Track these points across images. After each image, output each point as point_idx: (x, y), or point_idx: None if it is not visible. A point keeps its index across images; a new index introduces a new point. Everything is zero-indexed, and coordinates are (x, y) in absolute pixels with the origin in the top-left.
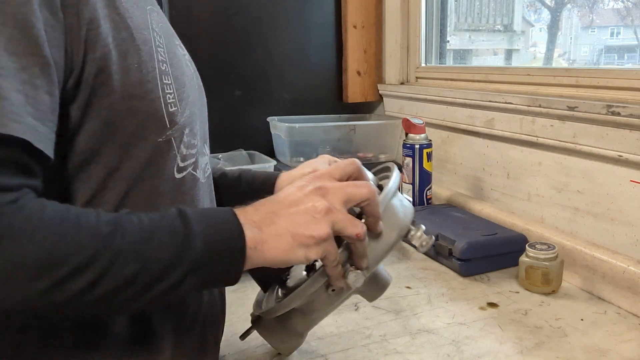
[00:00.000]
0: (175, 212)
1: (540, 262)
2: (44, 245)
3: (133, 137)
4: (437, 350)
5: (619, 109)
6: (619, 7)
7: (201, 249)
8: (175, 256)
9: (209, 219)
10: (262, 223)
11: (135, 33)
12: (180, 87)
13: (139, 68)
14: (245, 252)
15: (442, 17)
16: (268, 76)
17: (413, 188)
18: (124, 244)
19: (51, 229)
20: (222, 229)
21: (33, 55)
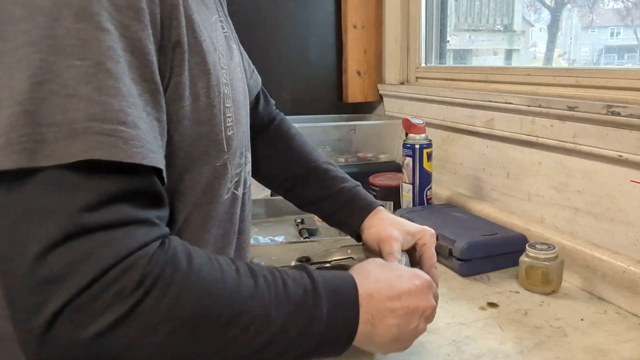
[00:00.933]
0: (309, 285)
1: (540, 262)
2: (190, 301)
3: (197, 162)
4: (437, 350)
5: (619, 109)
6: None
7: (322, 336)
8: (300, 338)
9: (339, 304)
10: (376, 318)
11: (207, 57)
12: (238, 108)
13: (206, 93)
14: (352, 342)
15: (442, 17)
16: (268, 76)
17: (413, 188)
18: (261, 309)
19: (198, 284)
20: (344, 319)
21: (146, 82)
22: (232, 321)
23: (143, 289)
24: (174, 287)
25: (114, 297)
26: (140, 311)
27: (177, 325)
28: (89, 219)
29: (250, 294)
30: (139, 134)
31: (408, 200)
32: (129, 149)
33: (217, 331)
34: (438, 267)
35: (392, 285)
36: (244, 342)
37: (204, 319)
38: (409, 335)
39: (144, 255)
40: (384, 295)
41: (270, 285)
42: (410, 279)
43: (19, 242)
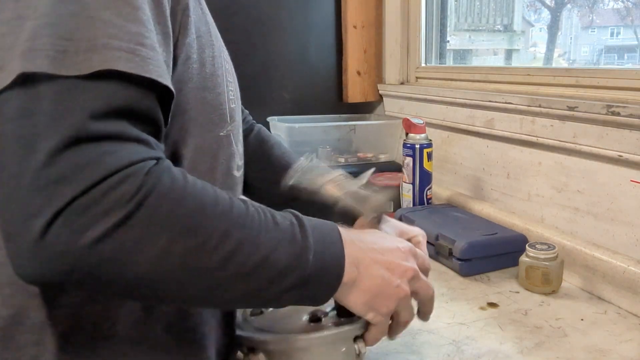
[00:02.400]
0: (294, 220)
1: (541, 262)
2: (186, 211)
3: (200, 127)
4: (437, 350)
5: (619, 109)
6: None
7: (310, 269)
8: (290, 266)
9: (324, 239)
10: (361, 264)
11: (212, 29)
12: (236, 87)
13: (212, 61)
14: (339, 285)
15: (442, 17)
16: (268, 76)
17: (413, 188)
18: (252, 231)
19: (193, 197)
20: (331, 255)
21: (159, 25)
22: (225, 237)
23: (141, 195)
24: (172, 196)
25: (113, 202)
26: (138, 217)
27: (175, 232)
28: (97, 126)
29: (241, 215)
30: (156, 56)
31: (408, 200)
32: (145, 65)
33: (212, 245)
34: (438, 267)
35: (375, 241)
36: (237, 262)
37: (200, 231)
38: (391, 293)
39: (143, 166)
40: (367, 246)
41: (260, 213)
42: (393, 242)
43: (26, 145)
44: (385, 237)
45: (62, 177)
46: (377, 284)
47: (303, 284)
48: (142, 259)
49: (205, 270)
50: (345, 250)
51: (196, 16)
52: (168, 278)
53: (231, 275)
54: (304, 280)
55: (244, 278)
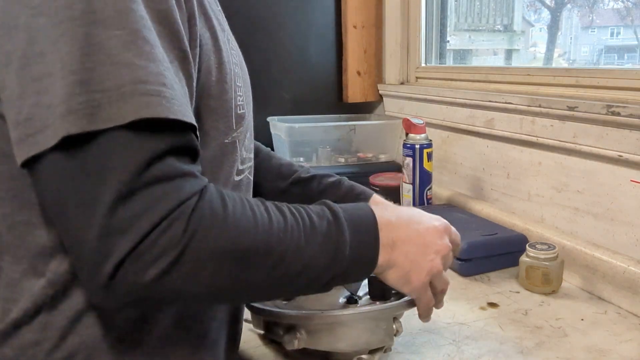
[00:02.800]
0: (330, 215)
1: (541, 262)
2: (229, 239)
3: (206, 136)
4: (437, 350)
5: (619, 109)
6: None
7: (347, 263)
8: (328, 265)
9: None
10: (396, 244)
11: (219, 34)
12: (247, 90)
13: (219, 68)
14: (374, 268)
15: (442, 17)
16: (268, 76)
17: (413, 188)
18: (292, 244)
19: (234, 224)
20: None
21: (175, 50)
22: (268, 253)
23: (190, 233)
24: (215, 229)
25: (167, 243)
26: (190, 252)
27: (222, 260)
28: (146, 174)
29: (280, 228)
30: (176, 94)
31: (408, 200)
32: (172, 106)
33: (256, 263)
34: None
35: (411, 218)
36: (282, 271)
37: (243, 253)
38: (425, 267)
39: (190, 205)
40: (403, 223)
41: (298, 220)
42: (429, 219)
43: (87, 201)
44: (423, 215)
45: (121, 229)
46: (411, 260)
47: (341, 275)
48: (197, 286)
49: (253, 284)
50: (380, 233)
51: (201, 24)
52: (222, 294)
53: (277, 284)
54: (341, 272)
55: (288, 283)
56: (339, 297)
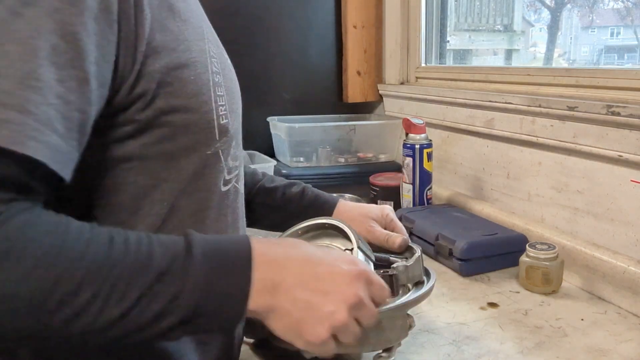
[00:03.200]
0: (181, 250)
1: (541, 262)
2: (19, 273)
3: (185, 149)
4: (437, 350)
5: (619, 109)
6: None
7: (194, 308)
8: (159, 313)
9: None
10: (279, 288)
11: (193, 45)
12: (231, 98)
13: (194, 80)
14: (243, 315)
15: (442, 17)
16: (268, 76)
17: (413, 188)
18: (109, 282)
19: (30, 255)
20: (227, 286)
21: (74, 69)
22: (71, 294)
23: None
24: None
25: None
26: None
27: (9, 297)
28: None
29: (95, 264)
30: (24, 119)
31: (408, 200)
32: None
33: (51, 309)
34: (438, 267)
35: (308, 257)
36: (91, 316)
37: (39, 291)
38: (323, 319)
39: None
40: (294, 263)
41: (130, 254)
42: (336, 261)
43: None
44: (329, 256)
45: None
46: (300, 308)
47: (188, 322)
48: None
49: (53, 332)
50: (254, 274)
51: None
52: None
53: (82, 333)
54: (187, 319)
55: (99, 333)
56: None
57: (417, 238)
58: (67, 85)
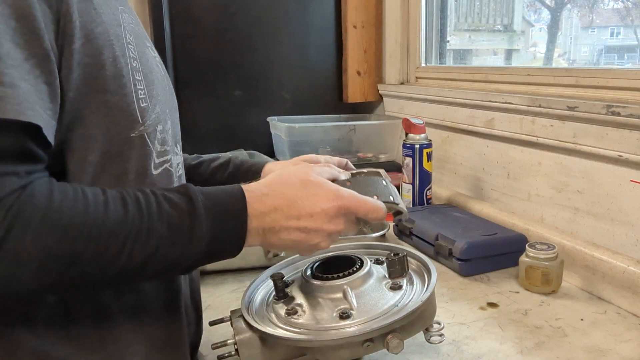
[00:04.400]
0: (185, 204)
1: (540, 262)
2: (52, 236)
3: (106, 130)
4: (437, 350)
5: (619, 109)
6: (619, 7)
7: (205, 251)
8: (180, 255)
9: (222, 216)
10: (268, 232)
11: (110, 28)
12: (150, 84)
13: (113, 62)
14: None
15: (442, 17)
16: (268, 76)
17: (413, 188)
18: (130, 237)
19: (58, 220)
20: (227, 234)
21: (33, 47)
22: (99, 250)
23: (4, 230)
24: (33, 225)
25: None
26: (6, 249)
27: (45, 258)
28: None
29: (117, 221)
30: (17, 93)
31: (408, 200)
32: (3, 105)
33: (85, 259)
34: (438, 267)
35: (295, 204)
36: (119, 265)
37: (69, 251)
38: (307, 248)
39: (6, 203)
40: (281, 214)
41: (143, 210)
42: (323, 201)
43: None
44: (317, 194)
45: None
46: (287, 244)
47: (201, 260)
48: (20, 283)
49: (86, 278)
50: (249, 224)
51: (87, 18)
52: (54, 288)
53: (116, 277)
54: (201, 259)
55: (131, 275)
56: (333, 311)
57: (417, 238)
58: (32, 62)
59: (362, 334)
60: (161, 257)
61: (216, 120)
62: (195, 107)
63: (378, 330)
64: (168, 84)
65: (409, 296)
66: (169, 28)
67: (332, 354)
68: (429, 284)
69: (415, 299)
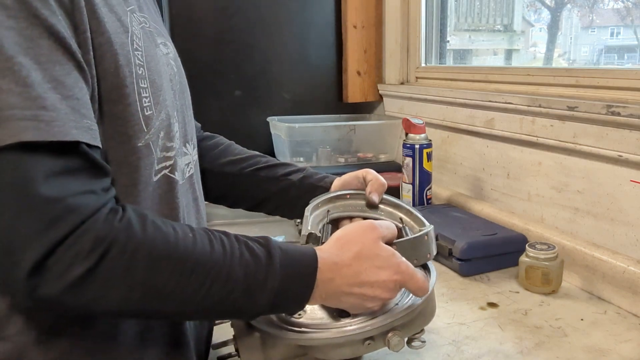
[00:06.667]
0: (263, 254)
1: (540, 262)
2: (143, 265)
3: (112, 141)
4: (437, 350)
5: (619, 109)
6: (619, 7)
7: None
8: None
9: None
10: (328, 297)
11: (114, 37)
12: (157, 90)
13: (115, 72)
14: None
15: (442, 17)
16: (268, 76)
17: (413, 188)
18: (212, 275)
19: (151, 250)
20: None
21: (71, 60)
22: (183, 284)
23: (99, 252)
24: (128, 252)
25: (72, 259)
26: (99, 272)
27: (134, 284)
28: (38, 194)
29: (203, 259)
30: (60, 115)
31: (408, 200)
32: (51, 129)
33: (169, 292)
34: (438, 267)
35: (359, 275)
36: (194, 302)
37: (157, 282)
38: (361, 310)
39: (95, 221)
40: (345, 281)
41: (227, 253)
42: (386, 274)
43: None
44: (380, 267)
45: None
46: (344, 306)
47: (257, 314)
48: (108, 301)
49: (166, 306)
50: (315, 290)
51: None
52: (134, 313)
53: (192, 309)
54: (258, 312)
55: (204, 311)
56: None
57: None
58: (74, 76)
59: (363, 332)
60: (232, 300)
61: (216, 120)
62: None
63: (379, 329)
64: (180, 81)
65: (409, 294)
66: (169, 28)
67: (333, 353)
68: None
69: (415, 297)
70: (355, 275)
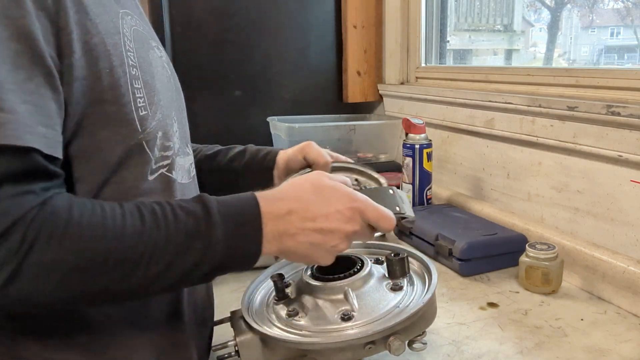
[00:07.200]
0: (200, 212)
1: (540, 262)
2: (72, 250)
3: (106, 141)
4: (437, 350)
5: (619, 109)
6: (619, 7)
7: (220, 258)
8: (197, 262)
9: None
10: (284, 235)
11: (107, 38)
12: (151, 91)
13: (110, 73)
14: (256, 260)
15: (442, 17)
16: (268, 76)
17: (413, 188)
18: (148, 248)
19: (78, 234)
20: (242, 241)
21: (37, 65)
22: (118, 261)
23: (27, 245)
24: (54, 239)
25: (4, 257)
26: (29, 264)
27: (66, 272)
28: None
29: (135, 232)
30: (17, 118)
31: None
32: (4, 131)
33: (105, 271)
34: (438, 267)
35: (309, 206)
36: (138, 276)
37: (90, 264)
38: (326, 250)
39: (26, 218)
40: (296, 217)
41: (160, 220)
42: (338, 202)
43: None
44: (330, 198)
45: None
46: (305, 248)
47: (218, 268)
48: (43, 296)
49: (108, 290)
50: (264, 228)
51: (82, 30)
52: (75, 301)
53: (137, 287)
54: (217, 267)
55: (151, 284)
56: (334, 313)
57: (417, 238)
58: (36, 81)
59: (364, 337)
60: (179, 265)
61: (216, 120)
62: (195, 107)
63: (380, 333)
64: (175, 84)
65: (409, 297)
66: (169, 29)
67: (333, 356)
68: (430, 285)
69: (416, 300)
70: (304, 209)
